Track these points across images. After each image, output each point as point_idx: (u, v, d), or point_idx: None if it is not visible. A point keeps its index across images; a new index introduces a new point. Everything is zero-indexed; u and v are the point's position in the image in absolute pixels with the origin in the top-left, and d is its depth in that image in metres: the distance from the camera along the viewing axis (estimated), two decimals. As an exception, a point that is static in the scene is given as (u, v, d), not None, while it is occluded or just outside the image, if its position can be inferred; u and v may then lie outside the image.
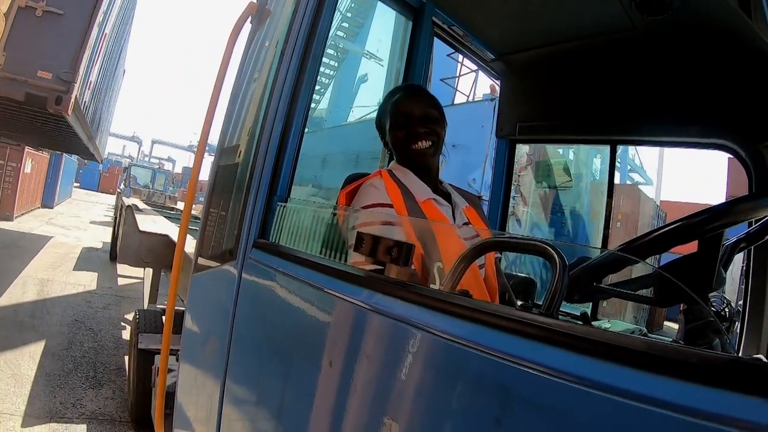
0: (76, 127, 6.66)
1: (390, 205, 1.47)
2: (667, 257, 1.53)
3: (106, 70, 7.57)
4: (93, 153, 11.77)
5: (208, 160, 2.34)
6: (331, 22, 1.70)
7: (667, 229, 1.21)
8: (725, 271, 1.31)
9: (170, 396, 2.01)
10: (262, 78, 1.82)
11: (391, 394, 0.90)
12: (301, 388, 1.17)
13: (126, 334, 6.00)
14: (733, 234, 1.43)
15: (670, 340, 2.01)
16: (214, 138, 2.16)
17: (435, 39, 2.76)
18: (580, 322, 2.09)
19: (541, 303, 1.26)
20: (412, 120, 1.60)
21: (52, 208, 20.01)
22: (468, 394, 0.76)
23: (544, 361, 0.66)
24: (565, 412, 0.64)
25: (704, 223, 1.15)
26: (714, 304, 1.44)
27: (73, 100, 4.89)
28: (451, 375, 0.80)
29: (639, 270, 1.55)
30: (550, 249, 0.79)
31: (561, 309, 2.40)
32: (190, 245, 2.58)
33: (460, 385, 0.78)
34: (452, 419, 0.77)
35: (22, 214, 15.68)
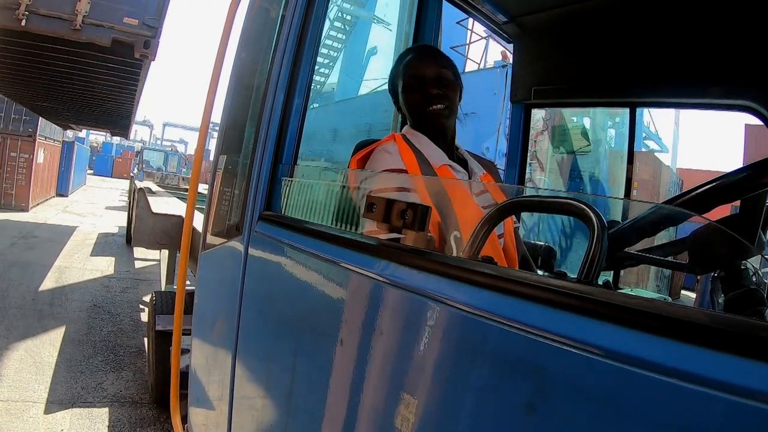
0: (140, 83, 6.81)
1: (404, 171, 1.39)
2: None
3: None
4: (131, 122, 12.00)
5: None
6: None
7: (708, 187, 1.10)
8: (765, 234, 1.21)
9: (185, 376, 2.01)
10: (263, 48, 1.76)
11: (408, 373, 0.83)
12: (312, 365, 1.12)
13: (145, 317, 6.04)
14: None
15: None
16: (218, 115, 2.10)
17: (444, 4, 2.65)
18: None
19: (562, 272, 1.16)
20: (425, 82, 1.51)
21: (66, 196, 20.12)
22: (496, 375, 0.68)
23: (583, 337, 0.57)
24: (612, 396, 0.55)
25: (751, 179, 1.04)
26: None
27: (159, 45, 4.98)
28: (478, 353, 0.72)
29: (669, 234, 1.45)
30: (586, 209, 0.68)
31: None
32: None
33: (488, 365, 0.70)
34: (478, 403, 0.70)
35: (38, 204, 15.79)
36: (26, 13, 4.38)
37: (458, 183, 1.46)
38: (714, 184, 1.08)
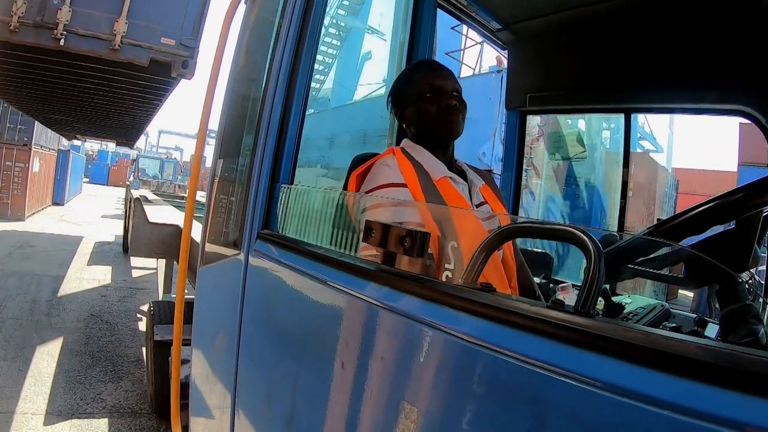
0: (165, 98, 6.90)
1: (404, 185, 1.39)
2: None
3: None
4: (142, 133, 12.09)
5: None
6: (328, -3, 1.62)
7: (703, 208, 1.11)
8: (760, 248, 1.22)
9: (186, 386, 2.01)
10: (260, 60, 1.76)
11: (405, 398, 0.83)
12: (313, 386, 1.12)
13: (142, 326, 6.02)
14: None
15: (695, 316, 1.93)
16: (215, 124, 2.10)
17: (439, 11, 2.66)
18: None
19: (558, 279, 1.17)
20: (445, 92, 1.53)
21: (62, 205, 20.03)
22: (494, 405, 0.68)
23: (582, 370, 0.57)
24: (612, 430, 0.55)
25: (745, 200, 1.05)
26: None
27: (197, 65, 5.04)
28: (473, 383, 0.72)
29: (666, 248, 1.47)
30: (583, 236, 0.69)
31: (578, 285, 2.33)
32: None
33: (483, 395, 0.70)
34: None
35: (33, 214, 15.72)
36: (64, 32, 4.41)
37: (459, 196, 1.47)
38: (710, 205, 1.10)
